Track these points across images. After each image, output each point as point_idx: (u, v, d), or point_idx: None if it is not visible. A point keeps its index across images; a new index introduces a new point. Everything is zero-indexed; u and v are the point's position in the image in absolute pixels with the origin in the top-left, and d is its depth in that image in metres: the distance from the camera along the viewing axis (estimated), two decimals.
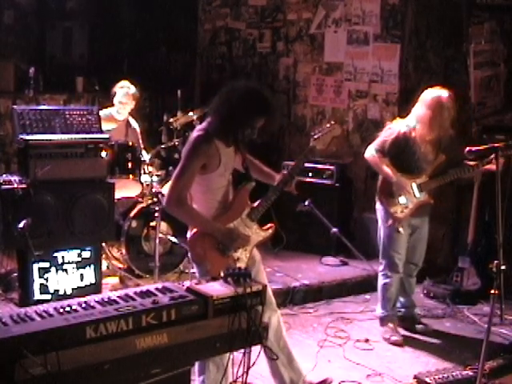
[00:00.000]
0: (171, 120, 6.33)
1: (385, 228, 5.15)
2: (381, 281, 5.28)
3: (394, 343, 5.12)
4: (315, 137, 4.00)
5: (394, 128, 5.10)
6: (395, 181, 5.00)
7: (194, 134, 3.66)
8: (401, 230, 5.06)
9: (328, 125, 4.08)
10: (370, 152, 5.12)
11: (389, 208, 5.08)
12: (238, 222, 3.77)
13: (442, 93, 4.93)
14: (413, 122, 5.01)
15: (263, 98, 3.63)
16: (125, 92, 6.20)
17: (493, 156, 4.69)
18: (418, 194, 5.05)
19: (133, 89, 6.24)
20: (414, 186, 5.04)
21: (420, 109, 4.97)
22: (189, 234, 3.79)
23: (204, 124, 3.70)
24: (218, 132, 3.61)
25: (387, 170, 5.04)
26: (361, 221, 6.93)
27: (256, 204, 3.83)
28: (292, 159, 6.99)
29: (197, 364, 3.62)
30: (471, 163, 4.98)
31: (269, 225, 3.88)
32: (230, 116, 3.57)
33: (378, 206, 5.19)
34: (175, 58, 8.89)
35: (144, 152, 6.10)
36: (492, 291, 3.72)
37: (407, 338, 5.24)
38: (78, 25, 8.78)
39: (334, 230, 6.17)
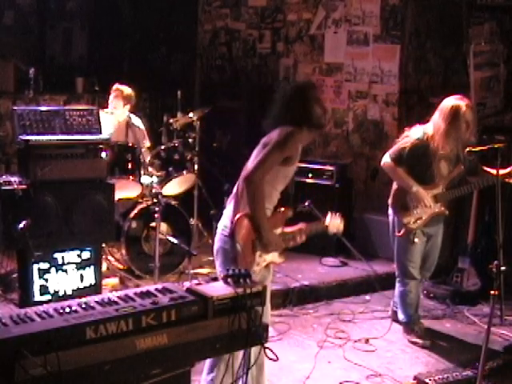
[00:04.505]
0: (171, 121, 6.32)
1: (397, 237, 5.04)
2: (398, 287, 5.21)
3: (423, 346, 5.06)
4: None
5: (412, 135, 4.88)
6: (414, 191, 4.86)
7: (285, 128, 3.64)
8: (416, 240, 4.94)
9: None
10: (386, 160, 4.95)
11: (402, 218, 4.95)
12: None
13: (461, 104, 4.69)
14: (430, 130, 4.81)
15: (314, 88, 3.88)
16: (114, 95, 6.20)
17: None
18: (433, 205, 4.93)
19: (126, 90, 6.21)
20: (430, 196, 4.91)
21: (437, 119, 4.78)
22: (232, 217, 3.68)
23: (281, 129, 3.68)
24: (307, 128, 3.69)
25: (405, 178, 4.89)
26: (361, 221, 6.92)
27: (286, 230, 3.86)
28: None
29: (208, 362, 3.60)
30: (492, 171, 4.67)
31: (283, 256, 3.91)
32: (304, 116, 3.67)
33: (390, 212, 5.08)
34: (175, 58, 8.89)
35: (145, 152, 6.08)
36: (492, 292, 3.72)
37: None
38: (78, 25, 8.80)
39: None
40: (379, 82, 6.99)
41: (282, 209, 3.84)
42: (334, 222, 4.08)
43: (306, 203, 6.09)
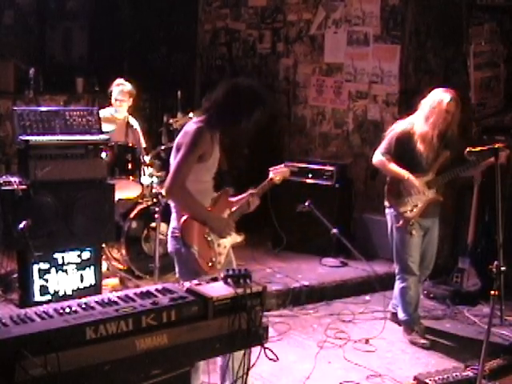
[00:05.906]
0: (171, 121, 6.32)
1: (396, 231, 5.11)
2: (398, 285, 5.26)
3: (423, 346, 5.10)
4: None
5: (397, 127, 5.08)
6: (406, 179, 4.96)
7: (193, 125, 3.74)
8: (414, 232, 5.02)
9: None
10: (377, 156, 5.09)
11: (398, 208, 5.06)
12: None
13: (445, 96, 4.85)
14: (415, 119, 4.99)
15: (260, 94, 3.76)
16: (120, 89, 6.21)
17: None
18: (426, 192, 5.02)
19: (128, 86, 6.24)
20: (422, 183, 5.01)
21: (422, 107, 4.95)
22: (177, 221, 3.77)
23: (201, 118, 3.78)
24: (216, 126, 3.72)
25: (397, 169, 5.01)
26: (361, 221, 6.93)
27: (234, 209, 3.95)
28: (292, 160, 7.03)
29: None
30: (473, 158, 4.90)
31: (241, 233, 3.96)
32: (231, 116, 3.68)
33: (388, 208, 5.16)
34: (175, 59, 8.89)
35: (143, 152, 6.09)
36: (492, 292, 3.72)
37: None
38: (78, 25, 8.79)
39: (334, 230, 6.16)
40: (379, 82, 6.99)
41: (219, 192, 3.91)
42: (277, 172, 4.18)
43: (306, 203, 6.11)
